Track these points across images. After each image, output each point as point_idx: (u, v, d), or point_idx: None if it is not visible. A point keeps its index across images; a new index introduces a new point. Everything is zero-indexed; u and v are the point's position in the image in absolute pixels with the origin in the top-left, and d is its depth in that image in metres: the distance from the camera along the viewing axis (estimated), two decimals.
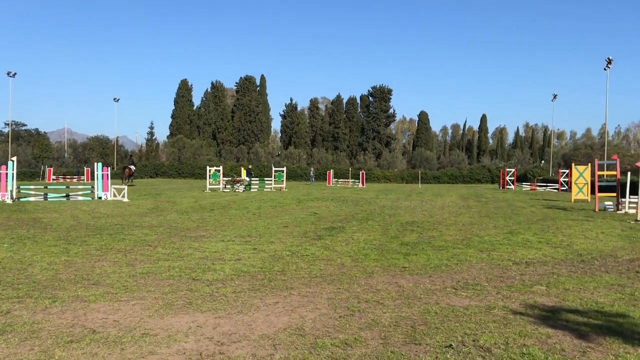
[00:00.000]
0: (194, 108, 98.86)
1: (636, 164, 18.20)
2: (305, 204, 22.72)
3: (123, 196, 23.73)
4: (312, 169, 63.07)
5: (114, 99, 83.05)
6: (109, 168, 25.71)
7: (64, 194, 24.05)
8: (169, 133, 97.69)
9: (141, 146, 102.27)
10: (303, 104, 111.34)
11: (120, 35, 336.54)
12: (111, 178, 25.41)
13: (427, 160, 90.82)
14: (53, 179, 58.15)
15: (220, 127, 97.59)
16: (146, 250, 9.83)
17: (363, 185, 50.75)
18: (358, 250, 10.16)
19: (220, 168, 36.11)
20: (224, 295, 6.55)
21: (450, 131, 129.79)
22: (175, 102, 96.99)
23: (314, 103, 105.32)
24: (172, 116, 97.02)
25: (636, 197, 17.44)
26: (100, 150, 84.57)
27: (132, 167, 42.07)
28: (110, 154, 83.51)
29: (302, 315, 5.72)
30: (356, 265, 8.73)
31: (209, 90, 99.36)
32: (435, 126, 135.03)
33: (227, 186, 34.93)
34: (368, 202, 24.34)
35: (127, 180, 39.87)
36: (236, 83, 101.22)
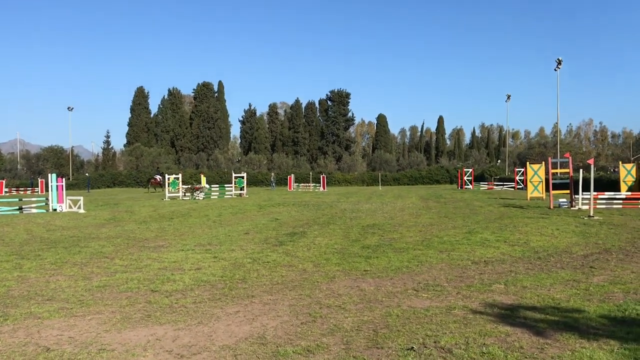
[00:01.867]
0: (151, 115, 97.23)
1: (587, 161, 18.76)
2: (266, 209, 22.61)
3: (79, 207, 23.17)
4: (272, 174, 62.87)
5: (68, 108, 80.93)
6: (64, 179, 25.06)
7: (17, 207, 23.33)
8: (125, 141, 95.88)
9: (97, 155, 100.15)
10: (262, 109, 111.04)
11: (72, 41, 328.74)
12: (66, 189, 24.78)
13: (387, 163, 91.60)
14: (5, 192, 56.31)
15: (179, 134, 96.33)
16: (103, 263, 9.60)
17: (324, 189, 50.84)
18: (319, 255, 10.15)
19: (180, 176, 35.64)
20: (183, 306, 6.44)
21: (408, 133, 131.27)
22: (132, 109, 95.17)
23: (272, 108, 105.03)
24: (129, 124, 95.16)
25: (589, 193, 17.95)
26: (54, 160, 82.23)
27: (159, 177, 42.84)
28: (66, 164, 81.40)
29: (263, 323, 5.67)
30: (318, 270, 8.71)
31: (166, 97, 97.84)
32: (394, 129, 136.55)
33: (186, 194, 34.49)
34: (329, 205, 24.37)
35: (151, 188, 40.56)
36: (193, 89, 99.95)
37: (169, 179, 34.45)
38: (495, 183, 50.87)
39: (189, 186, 36.08)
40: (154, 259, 9.99)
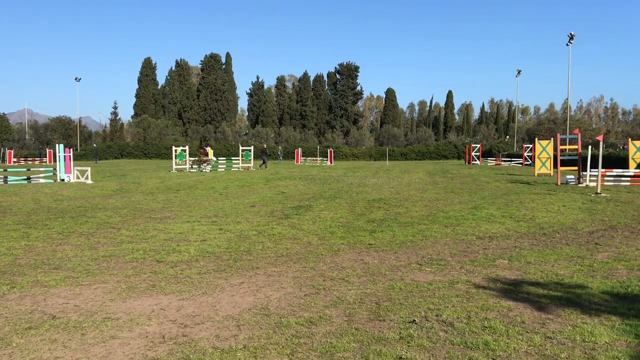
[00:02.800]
0: (159, 87, 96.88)
1: (596, 137, 18.60)
2: (273, 183, 22.65)
3: (86, 178, 23.28)
4: (280, 147, 62.84)
5: (76, 79, 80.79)
6: (72, 149, 25.15)
7: (25, 177, 23.47)
8: (133, 113, 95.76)
9: (105, 126, 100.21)
10: (270, 82, 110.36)
11: (80, 12, 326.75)
12: (74, 160, 24.87)
13: (395, 137, 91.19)
14: (14, 162, 56.66)
15: (186, 106, 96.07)
16: (109, 233, 9.67)
17: (331, 163, 50.81)
18: (325, 229, 10.18)
19: (187, 148, 35.67)
20: (188, 276, 6.49)
21: (417, 108, 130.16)
22: (139, 81, 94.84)
23: (280, 81, 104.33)
24: (136, 95, 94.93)
25: (597, 170, 17.84)
26: (62, 131, 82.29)
27: (207, 148, 42.15)
28: (73, 135, 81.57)
29: (267, 294, 5.71)
30: (322, 243, 8.75)
31: (173, 68, 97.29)
32: (403, 103, 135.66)
33: (193, 166, 34.56)
34: (336, 180, 24.38)
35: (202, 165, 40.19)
36: (201, 61, 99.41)
37: (175, 151, 34.43)
38: (503, 159, 50.63)
39: (196, 158, 36.11)
40: (160, 229, 10.05)
